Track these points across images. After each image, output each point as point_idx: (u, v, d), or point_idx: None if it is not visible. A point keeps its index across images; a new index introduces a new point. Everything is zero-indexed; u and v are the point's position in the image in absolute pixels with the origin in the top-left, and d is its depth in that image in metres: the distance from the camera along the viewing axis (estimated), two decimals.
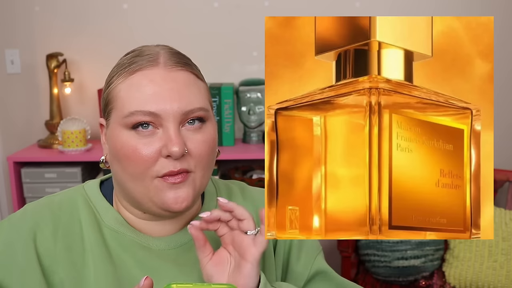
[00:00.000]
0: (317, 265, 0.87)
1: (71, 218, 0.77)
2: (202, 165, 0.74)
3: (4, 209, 2.23)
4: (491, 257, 1.86)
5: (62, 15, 2.24)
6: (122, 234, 0.77)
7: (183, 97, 0.71)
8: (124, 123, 0.71)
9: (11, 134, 2.24)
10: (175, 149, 0.69)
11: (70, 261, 0.73)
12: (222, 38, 2.24)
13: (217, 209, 0.73)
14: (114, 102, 0.73)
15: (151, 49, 0.75)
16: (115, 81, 0.74)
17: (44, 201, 0.79)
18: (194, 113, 0.72)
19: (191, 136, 0.72)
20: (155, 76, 0.71)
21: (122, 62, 0.75)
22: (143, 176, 0.71)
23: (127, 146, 0.71)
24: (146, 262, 0.76)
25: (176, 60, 0.74)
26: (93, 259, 0.74)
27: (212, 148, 0.75)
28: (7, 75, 2.24)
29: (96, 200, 0.79)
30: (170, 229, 0.80)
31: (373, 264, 1.97)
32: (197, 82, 0.75)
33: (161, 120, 0.70)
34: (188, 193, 0.73)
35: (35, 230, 0.74)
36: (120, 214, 0.79)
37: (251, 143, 2.18)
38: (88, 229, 0.76)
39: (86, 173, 2.12)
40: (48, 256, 0.73)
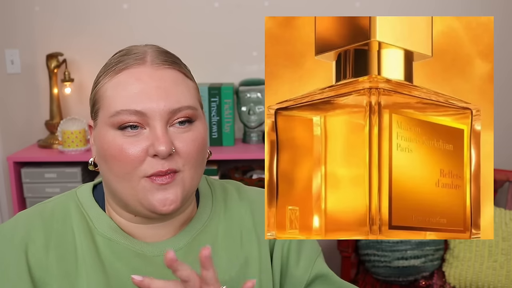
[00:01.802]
0: (317, 269, 0.85)
1: (64, 226, 0.75)
2: (191, 164, 0.72)
3: (4, 209, 2.23)
4: (491, 257, 1.86)
5: (62, 15, 2.24)
6: (115, 242, 0.75)
7: (170, 96, 0.70)
8: (111, 122, 0.70)
9: (11, 134, 2.24)
10: (162, 148, 0.68)
11: (62, 271, 0.72)
12: (222, 38, 2.24)
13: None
14: (100, 102, 0.72)
15: (138, 48, 0.74)
16: (102, 81, 0.73)
17: (36, 209, 0.77)
18: (182, 112, 0.71)
19: (179, 135, 0.71)
20: (142, 75, 0.70)
21: (109, 62, 0.74)
22: (129, 177, 0.70)
23: (114, 146, 0.70)
24: (141, 269, 0.74)
25: (164, 58, 0.72)
26: (85, 269, 0.72)
27: (201, 147, 0.73)
28: (7, 75, 2.24)
29: (88, 206, 0.78)
30: (164, 233, 0.78)
31: (373, 264, 1.97)
32: (186, 81, 0.73)
33: (147, 119, 0.69)
34: (177, 195, 0.71)
35: (26, 241, 0.72)
36: (112, 220, 0.77)
37: (251, 143, 2.18)
38: (81, 238, 0.74)
39: (86, 173, 2.12)
40: (40, 267, 0.72)
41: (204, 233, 0.80)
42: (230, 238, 0.81)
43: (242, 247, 0.81)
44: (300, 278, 0.84)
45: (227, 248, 0.80)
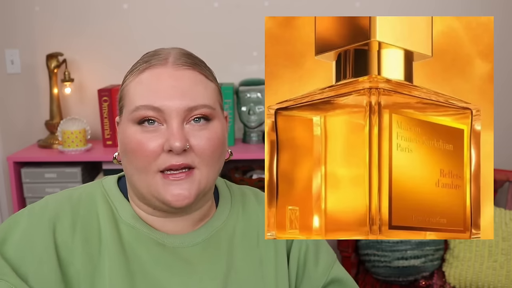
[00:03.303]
0: (334, 273, 0.89)
1: (90, 212, 0.78)
2: (206, 161, 0.74)
3: (4, 209, 2.23)
4: (491, 257, 1.86)
5: (62, 15, 2.23)
6: (137, 229, 0.78)
7: (187, 94, 0.73)
8: (131, 118, 0.74)
9: (11, 134, 2.24)
10: (177, 144, 0.70)
11: (86, 253, 0.75)
12: (222, 38, 2.24)
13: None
14: (125, 99, 0.76)
15: (164, 50, 0.78)
16: (127, 80, 0.77)
17: (65, 194, 0.80)
18: (198, 110, 0.73)
19: (196, 132, 0.73)
20: (162, 74, 0.73)
21: (137, 62, 0.78)
22: (146, 171, 0.73)
23: (133, 140, 0.73)
24: (160, 258, 0.77)
25: (185, 60, 0.76)
26: (108, 252, 0.75)
27: (217, 146, 0.75)
28: (7, 75, 2.24)
29: (113, 195, 0.81)
30: (183, 227, 0.80)
31: (373, 264, 1.97)
32: (205, 82, 0.76)
33: (164, 116, 0.72)
34: (191, 190, 0.73)
35: (54, 221, 0.75)
36: (134, 211, 0.80)
37: (251, 143, 2.18)
38: (106, 224, 0.77)
39: (86, 173, 2.11)
40: (66, 248, 0.74)
41: (222, 231, 0.83)
42: (247, 238, 0.84)
43: (259, 247, 0.84)
44: (318, 280, 0.88)
45: (244, 248, 0.83)
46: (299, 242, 0.88)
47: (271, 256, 0.84)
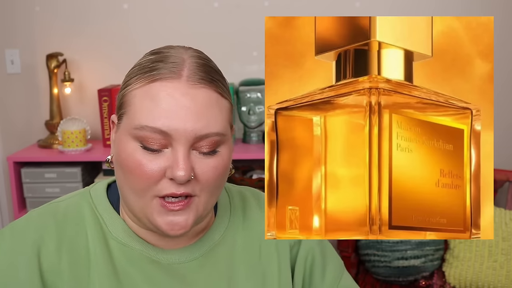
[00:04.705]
0: (343, 286, 0.84)
1: (77, 229, 0.73)
2: (209, 190, 0.69)
3: (4, 209, 2.23)
4: (491, 257, 1.86)
5: (62, 15, 2.24)
6: (129, 247, 0.73)
7: (200, 119, 0.65)
8: (133, 134, 0.66)
9: (11, 134, 2.24)
10: (181, 174, 0.64)
11: (74, 276, 0.70)
12: (222, 38, 2.24)
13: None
14: (127, 107, 0.68)
15: (176, 54, 0.68)
16: (133, 84, 0.68)
17: (49, 209, 0.74)
18: (209, 138, 0.66)
19: (201, 160, 0.67)
20: (175, 91, 0.65)
21: (144, 64, 0.69)
22: (143, 193, 0.67)
23: (132, 160, 0.66)
24: (154, 277, 0.72)
25: (201, 75, 0.67)
26: (98, 275, 0.70)
27: (222, 174, 0.70)
28: (7, 75, 2.24)
29: (102, 209, 0.75)
30: (178, 241, 0.75)
31: (373, 264, 1.97)
32: (220, 102, 0.68)
33: (171, 140, 0.65)
34: (188, 220, 0.68)
35: (39, 244, 0.70)
36: (126, 224, 0.75)
37: (251, 143, 2.18)
38: (95, 242, 0.72)
39: (86, 173, 2.12)
40: (53, 272, 0.70)
41: (221, 245, 0.78)
42: (249, 251, 0.79)
43: (261, 260, 0.80)
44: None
45: (245, 262, 0.79)
46: (305, 253, 0.83)
47: (274, 270, 0.80)
